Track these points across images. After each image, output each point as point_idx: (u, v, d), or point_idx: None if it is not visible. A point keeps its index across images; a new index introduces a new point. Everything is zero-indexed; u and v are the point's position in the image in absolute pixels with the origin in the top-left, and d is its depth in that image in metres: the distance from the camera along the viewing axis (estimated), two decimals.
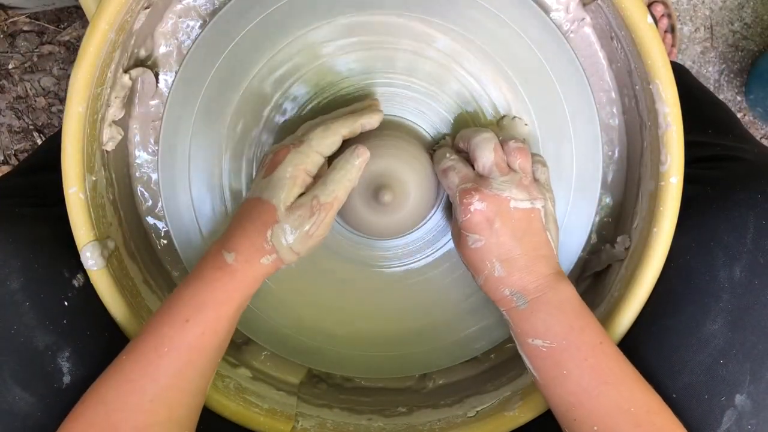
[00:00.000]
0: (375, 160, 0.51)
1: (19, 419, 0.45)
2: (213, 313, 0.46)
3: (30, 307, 0.46)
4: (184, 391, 0.45)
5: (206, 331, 0.45)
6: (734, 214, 0.48)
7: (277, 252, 0.47)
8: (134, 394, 0.44)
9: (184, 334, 0.45)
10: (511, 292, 0.48)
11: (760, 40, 1.06)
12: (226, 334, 0.47)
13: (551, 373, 0.47)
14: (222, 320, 0.46)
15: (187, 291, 0.46)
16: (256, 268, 0.47)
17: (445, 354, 0.59)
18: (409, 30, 0.53)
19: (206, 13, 0.55)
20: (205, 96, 0.54)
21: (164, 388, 0.44)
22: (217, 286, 0.46)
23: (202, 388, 0.47)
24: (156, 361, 0.44)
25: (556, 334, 0.47)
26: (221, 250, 0.47)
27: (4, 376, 0.45)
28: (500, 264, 0.48)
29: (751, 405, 0.46)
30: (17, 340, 0.46)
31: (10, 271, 0.46)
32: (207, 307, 0.46)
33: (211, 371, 0.48)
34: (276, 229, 0.46)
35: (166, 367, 0.44)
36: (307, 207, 0.47)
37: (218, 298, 0.46)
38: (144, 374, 0.44)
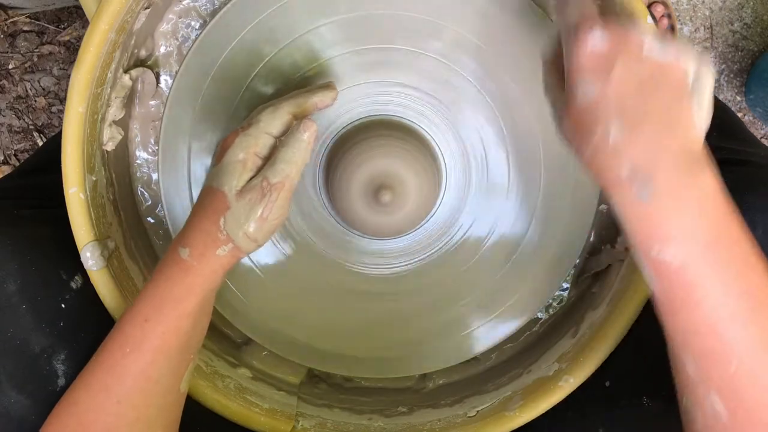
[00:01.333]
0: (375, 160, 0.51)
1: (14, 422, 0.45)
2: (173, 311, 0.44)
3: (27, 309, 0.46)
4: (151, 392, 0.44)
5: (167, 330, 0.44)
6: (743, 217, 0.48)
7: (233, 240, 0.44)
8: (101, 394, 0.43)
9: (144, 333, 0.44)
10: (632, 170, 0.35)
11: (760, 40, 1.06)
12: (191, 330, 0.45)
13: (682, 295, 0.36)
14: (183, 318, 0.44)
15: (147, 289, 0.45)
16: (213, 261, 0.45)
17: (445, 354, 0.59)
18: (407, 30, 0.53)
19: (206, 13, 0.55)
20: (205, 96, 0.54)
21: (129, 389, 0.43)
22: (174, 283, 0.44)
23: (172, 387, 0.46)
24: (121, 361, 0.44)
25: (696, 245, 0.36)
26: (177, 247, 0.45)
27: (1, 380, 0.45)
28: (619, 123, 0.36)
29: None
30: (13, 342, 0.46)
31: (7, 273, 0.46)
32: (166, 305, 0.44)
33: (180, 369, 0.46)
34: (228, 216, 0.44)
35: (130, 367, 0.43)
36: (258, 189, 0.44)
37: (176, 296, 0.44)
38: (110, 374, 0.44)
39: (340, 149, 0.54)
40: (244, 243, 0.45)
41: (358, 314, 0.58)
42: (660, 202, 0.35)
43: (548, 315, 0.60)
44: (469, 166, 0.56)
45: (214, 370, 0.55)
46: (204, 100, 0.54)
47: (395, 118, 0.55)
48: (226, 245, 0.45)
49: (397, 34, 0.53)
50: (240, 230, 0.44)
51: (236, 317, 0.58)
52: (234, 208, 0.44)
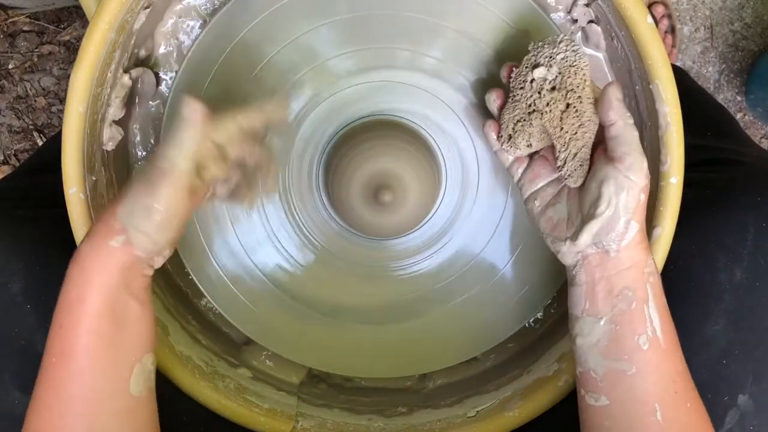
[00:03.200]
0: (375, 160, 0.51)
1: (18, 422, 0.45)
2: (80, 313, 0.41)
3: (31, 309, 0.46)
4: (92, 399, 0.41)
5: (85, 333, 0.41)
6: (734, 216, 0.48)
7: (126, 232, 0.41)
8: (45, 412, 0.41)
9: (62, 341, 0.41)
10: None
11: (760, 40, 1.05)
12: (115, 331, 0.42)
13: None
14: (96, 319, 0.41)
15: (60, 294, 0.42)
16: (105, 253, 0.41)
17: (445, 354, 0.59)
18: (408, 29, 0.53)
19: (206, 13, 0.55)
20: (205, 96, 0.54)
21: (68, 401, 0.41)
22: (73, 282, 0.41)
23: (118, 391, 0.43)
24: (52, 374, 0.41)
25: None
26: (80, 240, 0.42)
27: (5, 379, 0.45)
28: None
29: (753, 405, 0.46)
30: (18, 342, 0.45)
31: (11, 273, 0.46)
32: (72, 307, 0.41)
33: (120, 371, 0.43)
34: (125, 202, 0.41)
35: (61, 378, 0.41)
36: (146, 174, 0.41)
37: (77, 296, 0.41)
38: (46, 390, 0.41)
39: (339, 149, 0.54)
40: (135, 236, 0.41)
41: (358, 314, 0.58)
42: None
43: (548, 315, 0.60)
44: (468, 166, 0.56)
45: (214, 370, 0.55)
46: (204, 100, 0.54)
47: (395, 118, 0.55)
48: (119, 236, 0.41)
49: (397, 34, 0.53)
50: (129, 220, 0.41)
51: (236, 317, 0.58)
52: (128, 194, 0.42)
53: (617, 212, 0.42)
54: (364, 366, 0.59)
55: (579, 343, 0.45)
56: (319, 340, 0.58)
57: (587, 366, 0.44)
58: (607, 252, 0.43)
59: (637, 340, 0.42)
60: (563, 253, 0.46)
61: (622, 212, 0.42)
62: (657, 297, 0.43)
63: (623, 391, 0.42)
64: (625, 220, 0.42)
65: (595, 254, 0.44)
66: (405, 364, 0.59)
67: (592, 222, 0.43)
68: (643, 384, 0.42)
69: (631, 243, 0.43)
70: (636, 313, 0.43)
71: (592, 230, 0.43)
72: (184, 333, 0.56)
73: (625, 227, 0.42)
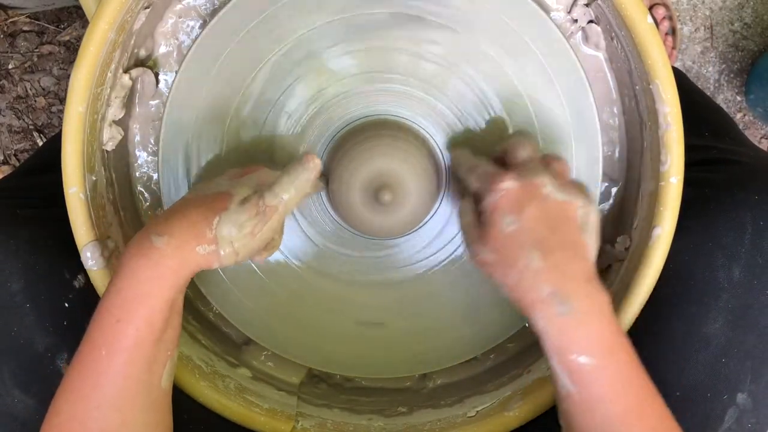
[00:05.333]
0: (375, 160, 0.51)
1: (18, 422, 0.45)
2: (142, 308, 0.42)
3: (30, 308, 0.46)
4: (130, 392, 0.42)
5: (140, 327, 0.42)
6: (732, 215, 0.49)
7: (217, 243, 0.44)
8: (81, 402, 0.42)
9: (116, 334, 0.42)
10: (552, 293, 0.42)
11: (760, 40, 1.06)
12: (164, 325, 0.43)
13: (597, 392, 0.42)
14: (155, 314, 0.42)
15: (114, 284, 0.43)
16: (188, 256, 0.43)
17: (445, 354, 0.59)
18: (408, 29, 0.53)
19: (206, 13, 0.55)
20: (205, 96, 0.54)
21: (108, 393, 0.42)
22: (142, 277, 0.42)
23: (154, 384, 0.44)
24: (95, 366, 0.42)
25: (603, 351, 0.42)
26: (149, 235, 0.43)
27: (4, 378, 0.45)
28: (538, 254, 0.43)
29: (752, 403, 0.46)
30: (17, 341, 0.46)
31: (10, 272, 0.46)
32: (134, 302, 0.42)
33: (158, 365, 0.44)
34: (224, 216, 0.44)
35: (106, 370, 0.42)
36: (253, 204, 0.45)
37: (145, 292, 0.42)
38: (86, 380, 0.42)
39: (340, 149, 0.54)
40: (226, 250, 0.44)
41: (358, 314, 0.58)
42: (575, 317, 0.42)
43: None
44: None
45: (214, 370, 0.55)
46: (204, 100, 0.54)
47: (395, 118, 0.55)
48: (209, 245, 0.44)
49: (398, 34, 0.53)
50: (228, 235, 0.44)
51: (236, 317, 0.58)
52: (231, 212, 0.44)
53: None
54: (364, 366, 0.59)
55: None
56: (319, 340, 0.58)
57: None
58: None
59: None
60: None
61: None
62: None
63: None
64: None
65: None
66: (405, 364, 0.59)
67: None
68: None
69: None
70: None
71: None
72: (184, 333, 0.56)
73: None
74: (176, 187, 0.56)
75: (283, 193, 0.46)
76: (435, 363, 0.59)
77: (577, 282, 0.43)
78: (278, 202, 0.46)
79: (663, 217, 0.49)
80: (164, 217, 0.44)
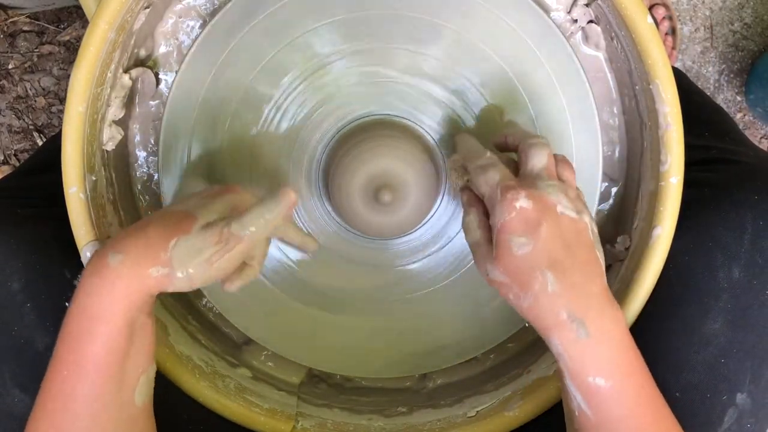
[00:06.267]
0: (375, 160, 0.51)
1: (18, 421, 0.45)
2: (102, 329, 0.41)
3: (31, 308, 0.46)
4: (101, 412, 0.41)
5: (101, 350, 0.41)
6: (732, 215, 0.49)
7: (171, 266, 0.42)
8: (52, 427, 0.41)
9: (77, 355, 0.41)
10: (570, 316, 0.41)
11: (760, 40, 1.06)
12: (127, 345, 0.42)
13: (612, 413, 0.42)
14: (114, 334, 0.41)
15: (73, 306, 0.42)
16: (143, 278, 0.41)
17: (445, 354, 0.59)
18: (407, 29, 0.53)
19: (206, 13, 0.55)
20: (205, 96, 0.54)
21: (75, 414, 0.41)
22: (99, 298, 0.41)
23: (126, 402, 0.43)
24: (61, 387, 0.41)
25: (620, 371, 0.42)
26: (107, 252, 0.41)
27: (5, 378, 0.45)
28: (553, 275, 0.42)
29: (751, 403, 0.46)
30: (18, 341, 0.45)
31: (11, 271, 0.46)
32: (93, 324, 0.41)
33: (128, 382, 0.43)
34: (182, 240, 0.42)
35: (72, 392, 0.41)
36: (216, 231, 0.43)
37: (101, 314, 0.41)
38: (53, 402, 0.41)
39: (339, 149, 0.54)
40: (179, 275, 0.42)
41: (359, 314, 0.58)
42: (593, 339, 0.41)
43: None
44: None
45: (214, 370, 0.55)
46: (204, 100, 0.54)
47: (395, 118, 0.55)
48: (162, 267, 0.42)
49: (398, 34, 0.53)
50: (182, 259, 0.42)
51: (236, 317, 0.58)
52: (191, 236, 0.42)
53: None
54: (365, 366, 0.59)
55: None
56: (319, 340, 0.58)
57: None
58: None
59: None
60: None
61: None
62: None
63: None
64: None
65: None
66: (405, 364, 0.59)
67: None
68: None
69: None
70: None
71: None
72: (184, 333, 0.56)
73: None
74: (176, 187, 0.56)
75: (251, 225, 0.43)
76: (435, 363, 0.59)
77: (594, 302, 0.42)
78: (244, 234, 0.43)
79: (663, 217, 0.49)
80: (124, 233, 0.43)
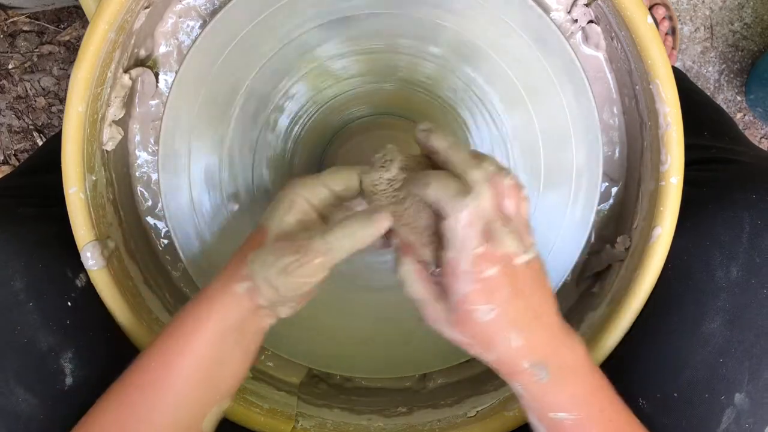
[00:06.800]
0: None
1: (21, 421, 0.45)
2: (186, 346, 0.43)
3: (33, 307, 0.46)
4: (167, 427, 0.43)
5: (187, 364, 0.43)
6: (730, 214, 0.49)
7: (253, 279, 0.42)
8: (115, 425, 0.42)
9: (161, 370, 0.43)
10: (532, 364, 0.42)
11: (760, 40, 1.06)
12: (212, 369, 0.43)
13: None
14: (197, 354, 0.43)
15: (171, 322, 0.44)
16: (229, 295, 0.43)
17: (445, 354, 0.59)
18: (407, 30, 0.53)
19: (206, 13, 0.55)
20: (205, 96, 0.54)
21: (144, 420, 0.42)
22: (190, 316, 0.44)
23: (192, 426, 0.44)
24: (137, 400, 0.43)
25: (581, 403, 0.43)
26: (217, 276, 0.44)
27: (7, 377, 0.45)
28: (516, 333, 0.41)
29: (750, 403, 0.46)
30: (20, 340, 0.45)
31: (13, 271, 0.46)
32: (180, 339, 0.43)
33: (199, 408, 0.44)
34: (258, 252, 0.42)
35: (145, 405, 0.42)
36: (295, 242, 0.42)
37: (189, 330, 0.43)
38: (122, 413, 0.42)
39: (340, 149, 0.54)
40: (263, 285, 0.42)
41: (358, 314, 0.58)
42: (553, 378, 0.42)
43: None
44: None
45: None
46: (204, 100, 0.54)
47: (395, 118, 0.55)
48: (244, 282, 0.43)
49: (399, 34, 0.53)
50: (262, 271, 0.42)
51: None
52: (266, 247, 0.43)
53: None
54: (364, 366, 0.59)
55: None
56: (319, 340, 0.58)
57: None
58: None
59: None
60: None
61: None
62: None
63: None
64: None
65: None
66: (405, 364, 0.59)
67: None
68: None
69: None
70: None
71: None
72: None
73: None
74: (176, 187, 0.56)
75: (334, 241, 0.42)
76: (435, 363, 0.59)
77: (552, 340, 0.42)
78: (326, 249, 0.42)
79: (663, 217, 0.49)
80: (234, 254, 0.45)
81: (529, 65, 0.53)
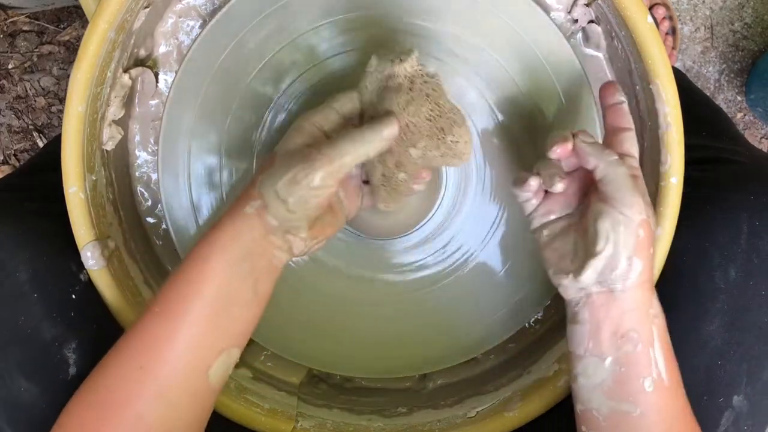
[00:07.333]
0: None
1: (24, 410, 0.45)
2: (197, 269, 0.42)
3: (38, 298, 0.46)
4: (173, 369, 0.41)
5: (190, 293, 0.42)
6: (728, 215, 0.48)
7: (262, 196, 0.42)
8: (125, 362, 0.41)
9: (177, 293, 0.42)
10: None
11: (761, 40, 1.05)
12: (221, 301, 0.42)
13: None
14: (207, 279, 0.41)
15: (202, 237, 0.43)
16: (238, 217, 0.42)
17: (446, 354, 0.59)
18: (407, 30, 0.53)
19: (206, 13, 0.55)
20: (205, 96, 0.54)
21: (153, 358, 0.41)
22: (206, 238, 0.43)
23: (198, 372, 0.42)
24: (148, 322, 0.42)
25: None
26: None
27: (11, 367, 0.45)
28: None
29: (748, 406, 0.46)
30: (24, 331, 0.46)
31: (18, 262, 0.46)
32: (193, 261, 0.42)
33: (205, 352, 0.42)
34: (268, 172, 0.42)
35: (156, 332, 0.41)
36: (301, 153, 0.42)
37: (202, 254, 0.42)
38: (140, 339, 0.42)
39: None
40: (273, 200, 0.41)
41: (359, 314, 0.58)
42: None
43: (548, 315, 0.60)
44: (469, 167, 0.56)
45: None
46: (204, 100, 0.54)
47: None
48: (255, 201, 0.42)
49: (398, 34, 0.53)
50: (271, 184, 0.41)
51: None
52: (275, 166, 0.42)
53: (617, 250, 0.42)
54: (364, 366, 0.59)
55: (581, 383, 0.45)
56: (319, 340, 0.58)
57: (590, 405, 0.44)
58: (612, 291, 0.43)
59: (643, 383, 0.42)
60: (565, 286, 0.45)
61: (622, 249, 0.42)
62: (661, 338, 0.43)
63: (626, 431, 0.43)
64: (627, 257, 0.42)
65: (599, 294, 0.43)
66: (405, 364, 0.59)
67: (594, 259, 0.42)
68: (647, 424, 0.42)
69: (636, 282, 0.42)
70: (641, 356, 0.43)
71: (597, 268, 0.42)
72: None
73: (628, 265, 0.42)
74: (176, 187, 0.56)
75: (345, 147, 0.42)
76: (435, 363, 0.59)
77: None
78: (335, 155, 0.41)
79: (663, 217, 0.49)
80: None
81: (529, 65, 0.53)
